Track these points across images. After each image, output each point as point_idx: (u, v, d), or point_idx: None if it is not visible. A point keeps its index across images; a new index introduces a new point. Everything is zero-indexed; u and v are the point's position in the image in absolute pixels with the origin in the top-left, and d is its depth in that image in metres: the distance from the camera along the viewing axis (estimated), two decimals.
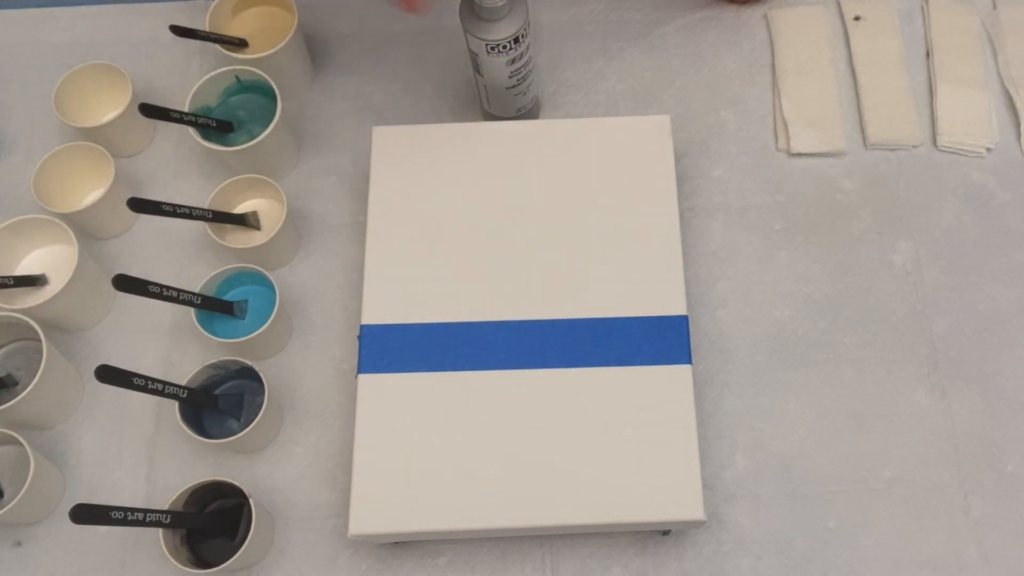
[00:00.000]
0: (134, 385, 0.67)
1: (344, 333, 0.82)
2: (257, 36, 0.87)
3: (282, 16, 0.88)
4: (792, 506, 0.75)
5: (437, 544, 0.75)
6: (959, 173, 0.86)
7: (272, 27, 0.88)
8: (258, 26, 0.89)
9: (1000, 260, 0.82)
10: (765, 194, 0.85)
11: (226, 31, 0.87)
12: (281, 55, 0.84)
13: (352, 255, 0.84)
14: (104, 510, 0.62)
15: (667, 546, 0.74)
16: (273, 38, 0.84)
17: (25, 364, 0.79)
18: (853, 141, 0.87)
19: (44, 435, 0.79)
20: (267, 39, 0.85)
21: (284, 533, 0.75)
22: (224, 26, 0.88)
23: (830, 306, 0.81)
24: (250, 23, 0.89)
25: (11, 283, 0.78)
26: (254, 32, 0.88)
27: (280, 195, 0.81)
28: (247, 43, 0.86)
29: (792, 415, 0.78)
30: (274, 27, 0.88)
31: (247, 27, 0.89)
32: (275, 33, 0.86)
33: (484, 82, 0.80)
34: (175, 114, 0.81)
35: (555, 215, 0.76)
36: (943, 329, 0.80)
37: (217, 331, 0.77)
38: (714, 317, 0.81)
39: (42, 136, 0.90)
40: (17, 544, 0.76)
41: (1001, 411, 0.77)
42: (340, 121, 0.91)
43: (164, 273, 0.83)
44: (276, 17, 0.89)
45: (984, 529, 0.74)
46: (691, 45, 0.92)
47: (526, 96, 0.83)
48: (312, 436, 0.78)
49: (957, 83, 0.88)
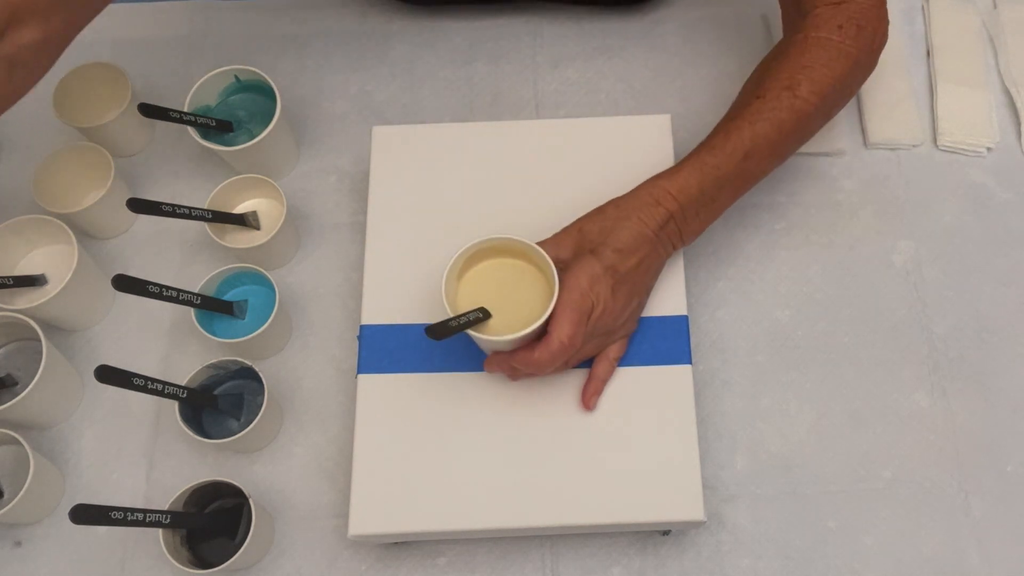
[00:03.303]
0: (134, 385, 0.67)
1: (344, 333, 0.81)
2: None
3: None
4: (792, 506, 0.75)
5: (437, 544, 0.75)
6: (959, 173, 0.86)
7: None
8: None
9: (1000, 260, 0.82)
10: (765, 194, 0.85)
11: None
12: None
13: (352, 255, 0.84)
14: (104, 510, 0.62)
15: (667, 546, 0.74)
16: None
17: (25, 364, 0.79)
18: (853, 141, 0.87)
19: (44, 435, 0.79)
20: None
21: (284, 533, 0.75)
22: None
23: (830, 306, 0.81)
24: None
25: (11, 283, 0.78)
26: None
27: (280, 195, 0.81)
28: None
29: (792, 415, 0.78)
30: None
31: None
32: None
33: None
34: (175, 114, 0.80)
35: (555, 215, 0.76)
36: (943, 329, 0.80)
37: (217, 331, 0.77)
38: (714, 317, 0.81)
39: (42, 136, 0.90)
40: (17, 544, 0.76)
41: (1001, 411, 0.77)
42: (340, 121, 0.91)
43: (164, 273, 0.84)
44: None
45: (984, 529, 0.74)
46: (691, 45, 0.92)
47: None
48: (312, 436, 0.78)
49: (957, 83, 0.88)
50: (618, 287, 0.67)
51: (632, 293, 0.69)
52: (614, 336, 0.70)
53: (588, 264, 0.67)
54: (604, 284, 0.66)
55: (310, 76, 0.93)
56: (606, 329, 0.68)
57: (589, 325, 0.66)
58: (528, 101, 0.91)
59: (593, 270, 0.66)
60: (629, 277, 0.68)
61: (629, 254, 0.68)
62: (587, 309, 0.66)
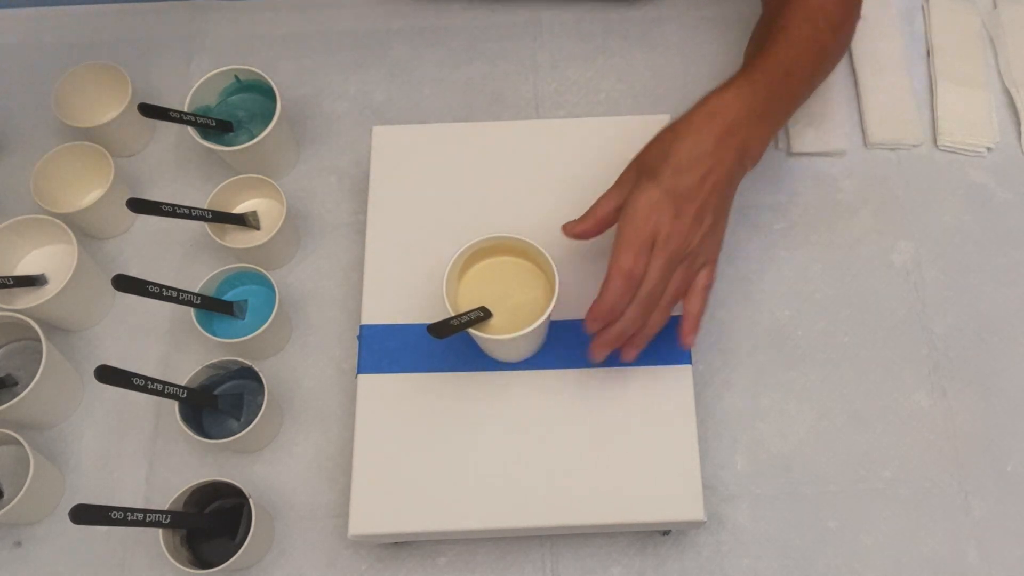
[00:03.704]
0: (134, 385, 0.67)
1: (344, 333, 0.81)
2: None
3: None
4: (792, 506, 0.75)
5: (437, 544, 0.75)
6: (959, 173, 0.86)
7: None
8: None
9: (1000, 260, 0.82)
10: (765, 194, 0.85)
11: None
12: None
13: (352, 255, 0.84)
14: (104, 510, 0.62)
15: (667, 546, 0.74)
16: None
17: (25, 364, 0.79)
18: (853, 141, 0.87)
19: (44, 435, 0.79)
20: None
21: (284, 533, 0.75)
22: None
23: (830, 306, 0.81)
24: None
25: (11, 283, 0.78)
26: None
27: (280, 195, 0.81)
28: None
29: (792, 415, 0.78)
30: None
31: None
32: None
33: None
34: (174, 114, 0.81)
35: (555, 215, 0.76)
36: (943, 329, 0.80)
37: (217, 331, 0.77)
38: (714, 317, 0.81)
39: (42, 136, 0.90)
40: (17, 544, 0.76)
41: (1001, 411, 0.77)
42: (340, 121, 0.91)
43: (164, 273, 0.84)
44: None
45: (984, 529, 0.74)
46: (691, 45, 0.92)
47: None
48: (312, 436, 0.78)
49: (957, 83, 0.88)
50: (683, 207, 0.63)
51: (702, 212, 0.64)
52: (695, 262, 0.66)
53: (645, 190, 0.63)
54: (666, 207, 0.63)
55: (310, 76, 0.93)
56: (681, 254, 0.64)
57: (659, 253, 0.63)
58: (528, 101, 0.91)
59: (650, 195, 0.63)
60: (693, 195, 0.64)
61: (688, 171, 0.64)
62: (648, 236, 0.62)
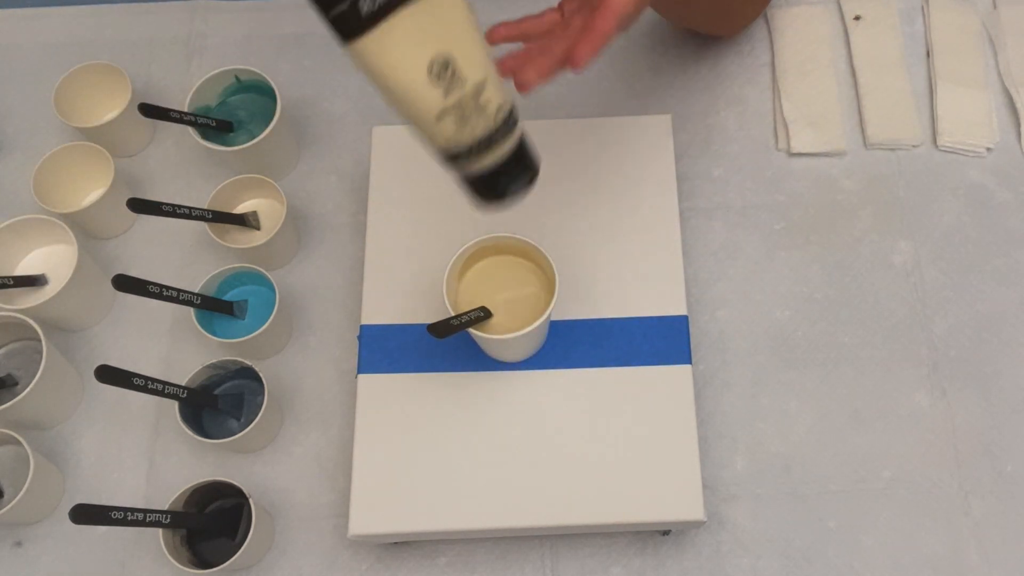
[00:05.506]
0: (134, 385, 0.67)
1: (344, 333, 0.81)
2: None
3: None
4: (792, 506, 0.75)
5: (437, 544, 0.75)
6: (959, 173, 0.86)
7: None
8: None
9: (1000, 260, 0.82)
10: (765, 194, 0.85)
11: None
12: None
13: (352, 255, 0.84)
14: (104, 510, 0.62)
15: (667, 546, 0.74)
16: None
17: (25, 364, 0.79)
18: (853, 141, 0.87)
19: (44, 435, 0.79)
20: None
21: (284, 533, 0.75)
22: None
23: (830, 306, 0.81)
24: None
25: (11, 283, 0.78)
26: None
27: (280, 195, 0.81)
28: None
29: (792, 415, 0.78)
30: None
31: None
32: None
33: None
34: (175, 114, 0.81)
35: (555, 215, 0.76)
36: (943, 329, 0.80)
37: (217, 331, 0.77)
38: (714, 317, 0.81)
39: (42, 136, 0.90)
40: (17, 544, 0.76)
41: (1001, 411, 0.77)
42: (340, 121, 0.91)
43: (164, 273, 0.84)
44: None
45: (984, 529, 0.74)
46: (691, 45, 0.92)
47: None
48: (312, 436, 0.78)
49: (957, 83, 0.88)
50: None
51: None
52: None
53: None
54: None
55: (310, 76, 0.93)
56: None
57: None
58: (528, 101, 0.90)
59: None
60: None
61: None
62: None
